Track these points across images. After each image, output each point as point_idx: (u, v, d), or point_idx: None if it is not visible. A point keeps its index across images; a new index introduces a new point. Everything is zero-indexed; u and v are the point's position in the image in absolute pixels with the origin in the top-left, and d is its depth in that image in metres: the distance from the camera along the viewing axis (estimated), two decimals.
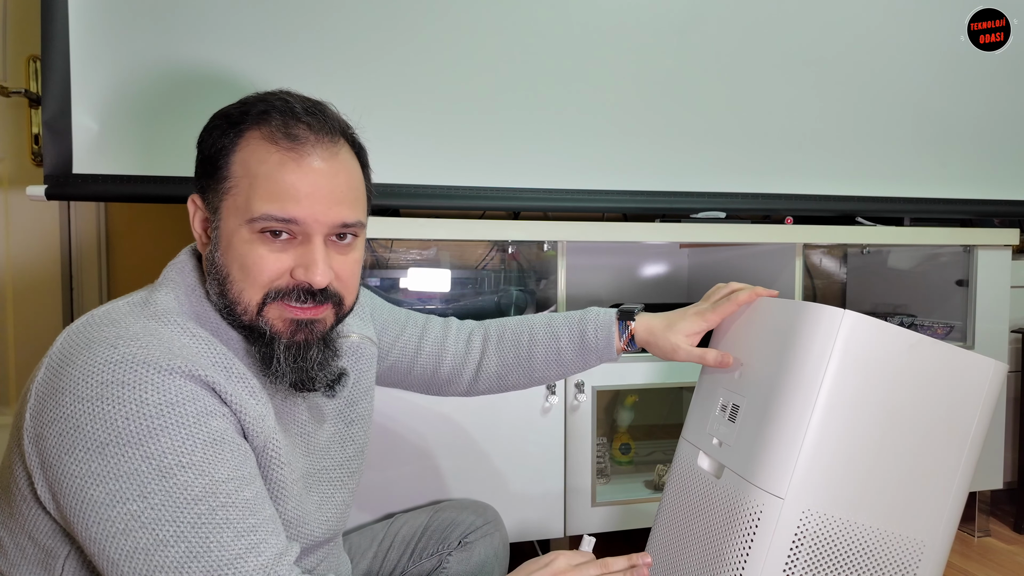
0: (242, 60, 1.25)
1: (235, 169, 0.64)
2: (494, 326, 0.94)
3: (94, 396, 0.54)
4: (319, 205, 0.64)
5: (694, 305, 0.86)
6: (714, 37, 1.46)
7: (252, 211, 0.63)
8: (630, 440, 1.67)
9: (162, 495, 0.54)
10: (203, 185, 0.67)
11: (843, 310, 0.67)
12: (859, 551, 0.67)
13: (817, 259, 2.00)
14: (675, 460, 0.84)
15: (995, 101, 1.64)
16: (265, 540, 0.58)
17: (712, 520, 0.71)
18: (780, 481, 0.65)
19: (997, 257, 1.61)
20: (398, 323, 0.91)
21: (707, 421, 0.79)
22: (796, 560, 0.66)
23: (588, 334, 0.88)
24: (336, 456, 0.78)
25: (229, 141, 0.65)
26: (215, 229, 0.66)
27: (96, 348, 0.57)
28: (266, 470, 0.64)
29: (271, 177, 0.63)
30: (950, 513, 0.71)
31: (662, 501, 0.83)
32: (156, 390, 0.55)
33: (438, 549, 0.97)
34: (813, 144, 1.54)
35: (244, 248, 0.64)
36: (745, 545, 0.66)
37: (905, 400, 0.68)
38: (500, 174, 1.38)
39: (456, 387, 0.94)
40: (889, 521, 0.68)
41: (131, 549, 0.54)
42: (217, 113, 0.68)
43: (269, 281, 0.64)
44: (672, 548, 0.77)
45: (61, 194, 1.20)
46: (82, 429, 0.54)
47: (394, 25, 1.31)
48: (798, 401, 0.66)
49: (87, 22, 1.20)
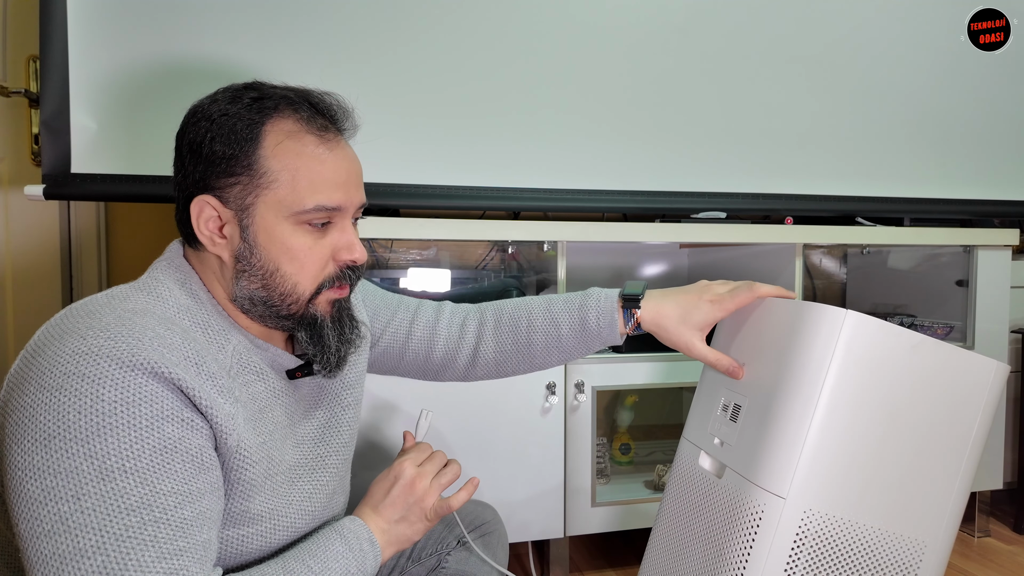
0: (241, 60, 1.25)
1: (271, 163, 0.64)
2: (490, 311, 0.91)
3: (54, 386, 0.53)
4: (354, 189, 0.68)
5: (707, 289, 0.82)
6: (715, 37, 1.46)
7: (302, 203, 0.64)
8: (630, 440, 1.67)
9: (96, 499, 0.52)
10: (218, 184, 0.65)
11: (845, 310, 0.66)
12: (860, 551, 0.67)
13: (817, 259, 2.00)
14: (676, 460, 0.83)
15: (995, 101, 1.64)
16: (186, 567, 0.55)
17: (713, 520, 0.71)
18: (782, 481, 0.65)
19: (997, 257, 1.61)
20: (389, 308, 0.90)
21: (708, 421, 0.79)
22: (797, 560, 0.65)
23: (590, 320, 0.85)
24: (330, 442, 0.77)
25: (252, 134, 0.64)
26: (245, 228, 0.65)
27: (67, 339, 0.56)
28: (234, 471, 0.62)
29: (313, 168, 0.64)
30: (951, 513, 0.71)
31: (663, 501, 0.83)
32: (114, 386, 0.54)
33: (437, 549, 0.97)
34: (813, 144, 1.54)
35: (291, 241, 0.65)
36: (746, 545, 0.66)
37: (907, 400, 0.68)
38: (500, 174, 1.38)
39: (452, 372, 0.92)
40: (890, 521, 0.68)
41: (49, 554, 0.52)
42: (207, 111, 0.66)
43: (321, 269, 0.67)
44: (674, 548, 0.77)
45: (59, 194, 1.20)
46: (35, 419, 0.53)
47: (395, 26, 1.31)
48: (800, 401, 0.66)
49: (86, 22, 1.19)
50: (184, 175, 0.66)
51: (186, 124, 0.67)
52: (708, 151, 1.48)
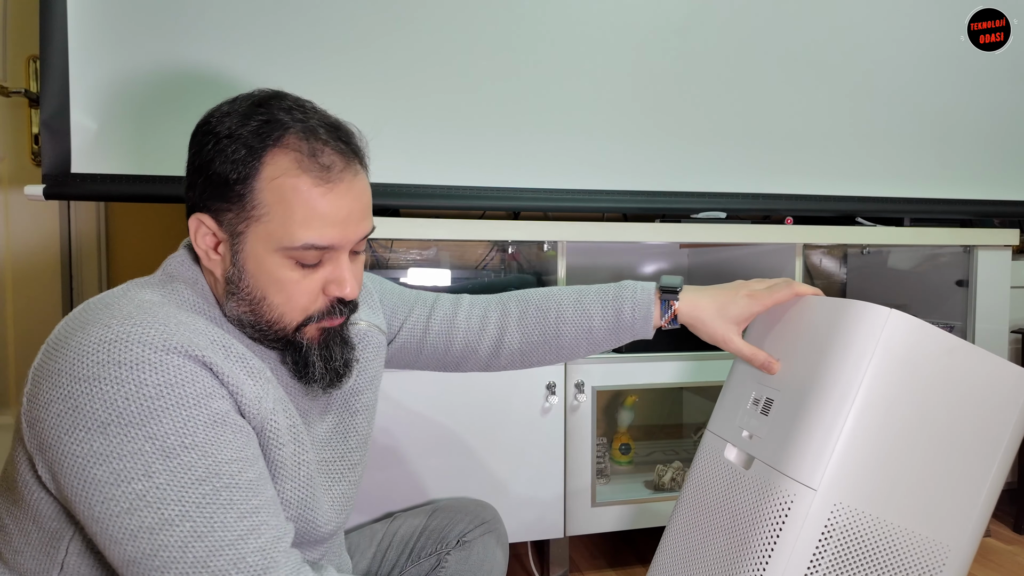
0: (241, 60, 1.25)
1: (264, 196, 0.62)
2: (514, 301, 0.90)
3: (90, 376, 0.54)
4: (351, 228, 0.65)
5: (743, 285, 0.83)
6: (715, 37, 1.46)
7: (292, 240, 0.63)
8: (630, 440, 1.67)
9: (166, 475, 0.54)
10: (215, 207, 0.64)
11: (889, 308, 0.67)
12: (885, 549, 0.68)
13: (817, 259, 2.00)
14: (699, 453, 0.83)
15: (995, 101, 1.64)
16: (265, 522, 0.58)
17: (738, 511, 0.71)
18: (813, 473, 0.65)
19: (997, 257, 1.61)
20: (406, 305, 0.90)
21: (737, 414, 0.79)
22: (823, 553, 0.65)
23: (624, 313, 0.85)
24: (337, 448, 0.76)
25: (250, 164, 0.62)
26: (236, 253, 0.64)
27: (90, 328, 0.56)
28: (264, 450, 0.64)
29: (307, 206, 0.62)
30: (977, 519, 0.71)
31: (682, 492, 0.82)
32: (154, 370, 0.55)
33: (436, 549, 0.97)
34: (813, 144, 1.54)
35: (279, 273, 0.64)
36: (773, 535, 0.66)
37: (940, 402, 0.68)
38: (500, 174, 1.38)
39: (473, 363, 0.91)
40: (917, 522, 0.68)
41: (135, 528, 0.54)
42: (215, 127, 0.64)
43: (309, 303, 0.66)
44: (692, 540, 0.77)
45: (59, 193, 1.20)
46: (81, 409, 0.54)
47: (395, 27, 1.31)
48: (837, 394, 0.67)
49: (86, 22, 1.19)
50: (189, 185, 0.67)
51: (197, 133, 0.66)
52: (708, 151, 1.48)
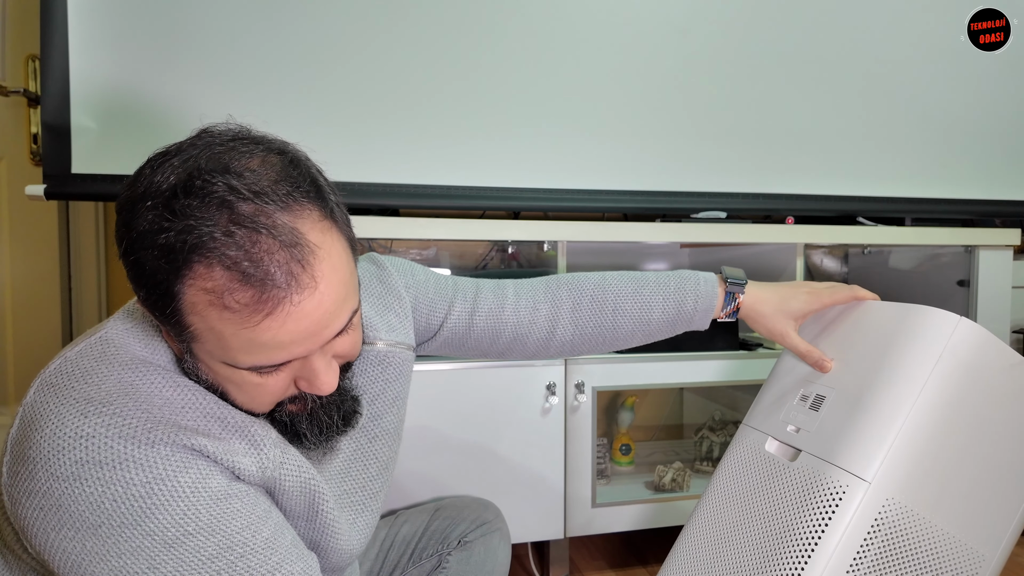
0: (240, 60, 1.25)
1: (191, 320, 0.50)
2: (565, 292, 0.85)
3: (70, 476, 0.49)
4: (311, 339, 0.52)
5: (804, 283, 0.84)
6: (715, 37, 1.46)
7: (236, 361, 0.52)
8: (630, 441, 1.67)
9: (174, 563, 0.50)
10: (153, 312, 0.52)
11: (959, 316, 0.69)
12: (927, 550, 0.69)
13: (818, 259, 2.00)
14: (733, 446, 0.83)
15: (995, 101, 1.63)
16: (291, 573, 0.55)
17: (780, 501, 0.71)
18: (868, 465, 0.66)
19: (998, 257, 1.60)
20: (445, 298, 0.83)
21: (783, 409, 0.80)
22: (869, 546, 0.66)
23: (687, 304, 0.82)
24: (357, 477, 0.71)
25: (171, 282, 0.48)
26: (187, 351, 0.54)
27: (65, 414, 0.50)
28: (278, 504, 0.59)
29: (242, 336, 0.49)
30: (1012, 533, 0.73)
31: (710, 485, 0.82)
32: (139, 467, 0.49)
33: (438, 549, 0.96)
34: (814, 144, 1.54)
35: (236, 377, 0.54)
36: (820, 524, 0.66)
37: (995, 414, 0.70)
38: (500, 174, 1.38)
39: (519, 353, 0.87)
40: (960, 528, 0.70)
41: None
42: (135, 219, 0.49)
43: (274, 400, 0.57)
44: (720, 532, 0.77)
45: (60, 193, 1.20)
46: (65, 508, 0.49)
47: (394, 26, 1.31)
48: (900, 392, 0.68)
49: (86, 22, 1.19)
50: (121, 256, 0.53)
51: (125, 205, 0.51)
52: (708, 151, 1.48)
